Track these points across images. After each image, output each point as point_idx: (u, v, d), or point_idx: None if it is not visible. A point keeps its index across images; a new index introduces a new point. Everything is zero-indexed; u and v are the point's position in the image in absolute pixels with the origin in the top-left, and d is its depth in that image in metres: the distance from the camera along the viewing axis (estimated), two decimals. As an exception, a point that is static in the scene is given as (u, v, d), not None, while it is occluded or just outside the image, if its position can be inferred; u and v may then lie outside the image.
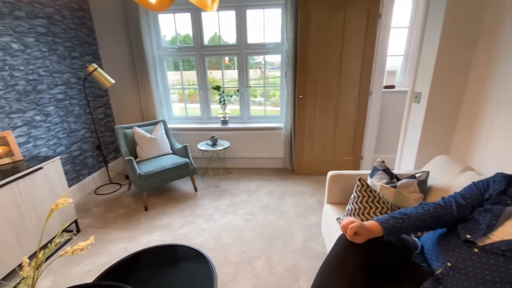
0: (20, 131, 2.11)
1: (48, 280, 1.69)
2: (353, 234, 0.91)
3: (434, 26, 1.67)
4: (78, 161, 2.72)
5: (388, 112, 3.04)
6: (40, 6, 2.26)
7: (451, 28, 1.59)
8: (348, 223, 0.93)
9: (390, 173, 1.58)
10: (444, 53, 1.64)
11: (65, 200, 0.98)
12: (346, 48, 2.63)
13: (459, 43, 1.61)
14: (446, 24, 1.59)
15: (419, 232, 1.17)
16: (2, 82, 1.97)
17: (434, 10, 1.67)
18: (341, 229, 0.94)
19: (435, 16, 1.66)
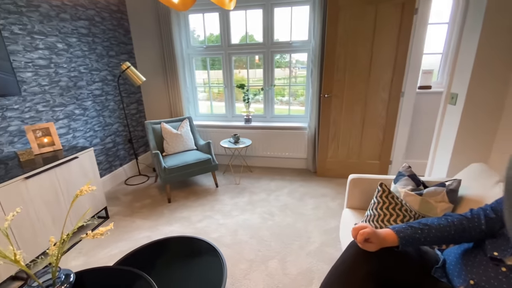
0: (61, 123, 2.33)
1: (79, 260, 1.85)
2: (364, 240, 0.86)
3: (473, 25, 1.52)
4: (111, 153, 2.92)
5: (422, 115, 2.83)
6: (82, 9, 2.47)
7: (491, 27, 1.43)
8: (359, 228, 0.88)
9: (416, 179, 1.47)
10: (484, 53, 1.48)
11: (88, 187, 1.06)
12: (377, 46, 2.49)
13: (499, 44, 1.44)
14: (486, 23, 1.43)
15: (443, 245, 1.07)
16: (48, 79, 2.18)
17: (474, 9, 1.51)
18: (352, 234, 0.90)
19: (474, 15, 1.50)
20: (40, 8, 2.10)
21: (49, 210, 1.79)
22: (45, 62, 2.16)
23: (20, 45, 1.98)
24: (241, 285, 1.59)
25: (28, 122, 2.06)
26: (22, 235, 1.63)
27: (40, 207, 1.73)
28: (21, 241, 1.62)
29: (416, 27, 2.43)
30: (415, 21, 2.41)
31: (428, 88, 2.79)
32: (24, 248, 1.64)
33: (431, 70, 2.77)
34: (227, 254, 1.84)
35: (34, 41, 2.07)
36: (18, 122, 1.99)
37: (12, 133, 1.96)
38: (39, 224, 1.73)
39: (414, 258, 0.92)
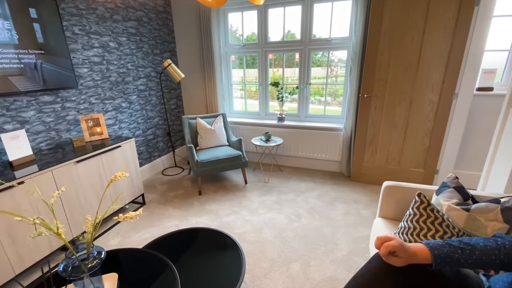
0: (109, 114, 2.56)
1: (116, 240, 2.02)
2: (389, 254, 0.78)
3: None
4: (151, 144, 3.14)
5: (479, 120, 2.49)
6: (132, 10, 2.68)
7: None
8: (384, 239, 0.80)
9: (464, 192, 1.29)
10: None
11: (122, 173, 1.15)
12: (428, 42, 2.25)
13: None
14: None
15: (491, 271, 0.92)
16: (100, 74, 2.42)
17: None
18: (374, 245, 0.82)
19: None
20: (97, 11, 2.33)
21: (94, 192, 1.99)
22: (98, 59, 2.39)
23: (79, 44, 2.22)
24: (261, 283, 1.58)
25: (82, 113, 2.31)
26: (72, 212, 1.84)
27: (87, 188, 1.93)
28: (71, 217, 1.83)
29: (476, 20, 2.14)
30: (476, 13, 2.12)
31: (489, 90, 2.44)
32: (72, 224, 1.85)
33: (494, 69, 2.42)
34: (250, 251, 1.85)
35: (90, 40, 2.30)
36: (74, 112, 2.25)
37: (69, 122, 2.21)
38: (86, 204, 1.93)
39: (450, 281, 0.81)
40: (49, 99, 2.05)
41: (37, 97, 1.96)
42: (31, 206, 1.58)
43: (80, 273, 0.99)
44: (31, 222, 0.95)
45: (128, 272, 1.21)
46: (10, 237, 1.50)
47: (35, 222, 0.95)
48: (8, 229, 1.49)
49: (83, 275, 0.99)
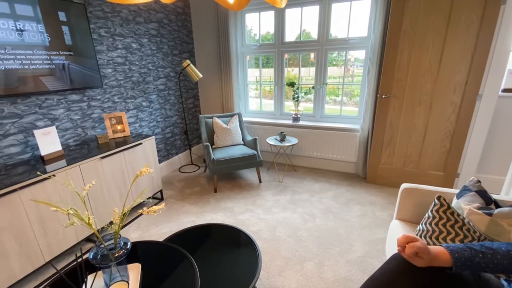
0: (131, 113, 2.67)
1: (136, 233, 2.11)
2: (414, 254, 0.79)
3: None
4: (169, 142, 3.24)
5: (505, 122, 2.39)
6: (154, 13, 2.77)
7: None
8: (408, 239, 0.80)
9: (486, 196, 1.26)
10: None
11: (147, 169, 1.21)
12: (450, 41, 2.19)
13: None
14: None
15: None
16: (123, 74, 2.53)
17: None
18: (397, 243, 0.82)
19: None
20: (121, 13, 2.44)
21: (117, 187, 2.09)
22: (122, 60, 2.50)
23: (105, 45, 2.33)
24: (276, 280, 1.61)
25: (106, 111, 2.42)
26: (96, 205, 1.94)
27: (110, 183, 2.03)
28: (95, 210, 1.94)
29: (503, 20, 2.06)
30: (502, 12, 2.05)
31: (516, 91, 2.34)
32: (96, 216, 1.96)
33: (522, 69, 2.31)
34: (264, 249, 1.88)
35: (115, 42, 2.41)
36: (99, 111, 2.36)
37: (94, 119, 2.33)
38: (109, 198, 2.03)
39: (469, 285, 0.80)
40: (76, 98, 2.16)
41: (66, 96, 2.08)
42: (61, 198, 1.69)
43: (108, 262, 1.06)
44: (65, 212, 1.02)
45: (150, 263, 1.27)
46: (42, 227, 1.61)
47: (69, 213, 1.03)
48: (40, 219, 1.60)
49: (110, 263, 1.06)
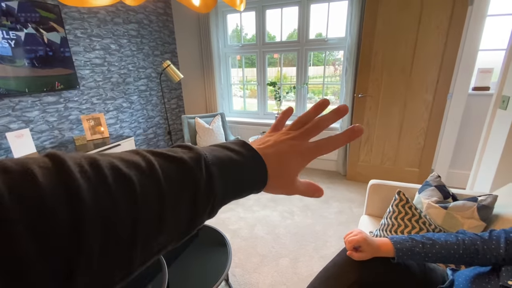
0: (111, 114, 2.66)
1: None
2: (353, 248, 0.83)
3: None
4: (152, 143, 3.23)
5: (475, 119, 2.48)
6: (133, 13, 2.77)
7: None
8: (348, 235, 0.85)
9: (444, 191, 1.32)
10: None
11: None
12: (422, 42, 2.26)
13: None
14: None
15: (452, 265, 0.96)
16: (102, 75, 2.52)
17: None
18: (344, 241, 0.87)
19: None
20: (98, 14, 2.43)
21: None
22: (100, 61, 2.49)
23: (81, 46, 2.32)
24: (250, 277, 1.64)
25: (84, 112, 2.41)
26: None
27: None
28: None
29: (470, 20, 2.14)
30: (469, 12, 2.13)
31: (486, 89, 2.43)
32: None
33: (490, 69, 2.41)
34: (241, 246, 1.91)
35: (92, 43, 2.40)
36: (77, 112, 2.35)
37: (72, 121, 2.32)
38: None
39: (414, 274, 0.85)
40: (52, 100, 2.15)
41: (41, 97, 2.07)
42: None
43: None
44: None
45: (120, 263, 1.28)
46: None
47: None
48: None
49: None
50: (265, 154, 0.29)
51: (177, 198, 0.21)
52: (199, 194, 0.23)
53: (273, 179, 0.29)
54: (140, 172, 0.20)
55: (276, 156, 0.30)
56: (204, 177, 0.23)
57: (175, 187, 0.21)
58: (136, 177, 0.19)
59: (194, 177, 0.23)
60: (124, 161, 0.20)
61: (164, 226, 0.21)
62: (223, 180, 0.25)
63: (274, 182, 0.30)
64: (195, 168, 0.23)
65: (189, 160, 0.23)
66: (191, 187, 0.22)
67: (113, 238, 0.17)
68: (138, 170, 0.20)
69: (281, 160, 0.30)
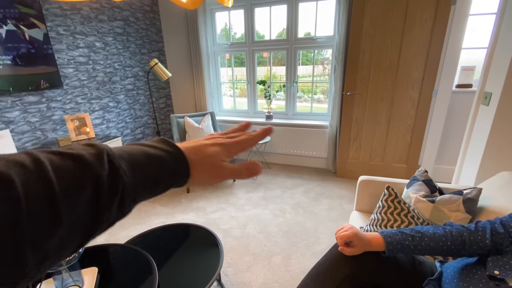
0: (97, 114, 2.58)
1: (102, 238, 2.05)
2: (345, 244, 0.83)
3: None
4: (140, 143, 3.16)
5: (459, 116, 2.56)
6: (118, 10, 2.69)
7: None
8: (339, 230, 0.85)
9: (431, 185, 1.35)
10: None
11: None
12: (407, 40, 2.31)
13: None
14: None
15: (441, 257, 0.98)
16: (86, 74, 2.44)
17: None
18: (335, 237, 0.87)
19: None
20: (82, 11, 2.35)
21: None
22: (84, 59, 2.41)
23: (64, 44, 2.24)
24: (243, 276, 1.63)
25: (68, 113, 2.33)
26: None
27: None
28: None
29: (453, 19, 2.20)
30: (452, 11, 2.19)
31: (469, 86, 2.51)
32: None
33: (472, 66, 2.49)
34: (233, 246, 1.90)
35: (75, 40, 2.32)
36: (60, 112, 2.27)
37: (55, 122, 2.23)
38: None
39: (404, 267, 0.86)
40: (34, 99, 2.06)
41: (22, 97, 1.98)
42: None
43: (58, 267, 1.03)
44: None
45: (109, 266, 1.25)
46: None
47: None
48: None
49: (60, 268, 1.03)
50: (185, 147, 0.32)
51: (73, 192, 0.21)
52: (101, 187, 0.23)
53: (197, 168, 0.32)
54: (23, 170, 0.19)
55: (195, 148, 0.33)
56: (107, 171, 0.24)
57: (69, 182, 0.21)
58: (16, 175, 0.19)
59: (93, 172, 0.23)
60: (5, 160, 0.20)
61: (60, 221, 0.20)
62: (134, 172, 0.26)
63: (199, 172, 0.32)
64: (95, 163, 0.23)
65: (87, 155, 0.23)
66: (91, 181, 0.23)
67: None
68: (21, 168, 0.19)
69: (199, 152, 0.33)
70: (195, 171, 0.32)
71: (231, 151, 0.35)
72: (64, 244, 0.21)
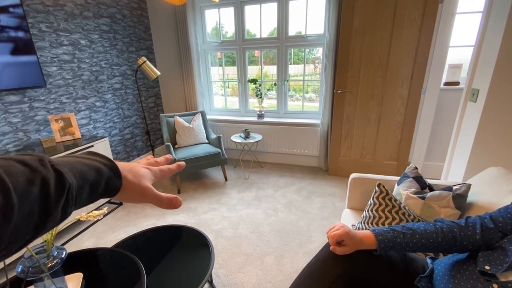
0: (83, 114, 2.51)
1: (91, 241, 1.99)
2: (336, 243, 0.82)
3: (500, 11, 1.35)
4: (129, 144, 3.09)
5: (447, 113, 2.60)
6: (104, 7, 2.62)
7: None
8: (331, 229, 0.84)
9: (422, 181, 1.36)
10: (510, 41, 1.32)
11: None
12: (396, 38, 2.33)
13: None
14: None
15: (431, 253, 0.98)
16: (71, 73, 2.36)
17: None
18: (327, 236, 0.86)
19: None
20: (65, 7, 2.27)
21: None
22: (69, 57, 2.33)
23: (47, 41, 2.15)
24: (235, 277, 1.61)
25: (53, 113, 2.25)
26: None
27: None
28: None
29: (441, 17, 2.23)
30: (440, 10, 2.21)
31: (456, 84, 2.55)
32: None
33: (459, 64, 2.53)
34: (225, 246, 1.87)
35: (59, 37, 2.24)
36: (44, 112, 2.18)
37: (38, 122, 2.15)
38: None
39: (396, 264, 0.86)
40: (15, 99, 1.98)
41: (2, 97, 1.90)
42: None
43: (40, 274, 0.98)
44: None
45: (95, 271, 1.20)
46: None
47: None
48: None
49: (42, 275, 0.98)
50: (119, 163, 0.37)
51: (23, 189, 0.24)
52: (49, 188, 0.26)
53: (128, 182, 0.37)
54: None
55: (128, 166, 0.39)
56: (53, 174, 0.27)
57: (20, 180, 0.24)
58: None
59: (40, 174, 0.26)
60: None
61: (13, 210, 0.23)
62: (75, 178, 0.29)
63: (129, 187, 0.37)
64: (40, 168, 0.27)
65: (33, 161, 0.27)
66: (39, 181, 0.26)
67: None
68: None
69: (132, 169, 0.39)
70: (126, 183, 0.37)
71: (156, 175, 0.42)
72: (18, 233, 0.24)
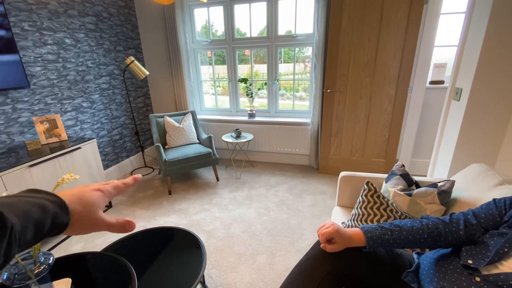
0: (69, 115, 2.44)
1: (79, 245, 1.95)
2: (327, 240, 0.84)
3: (481, 10, 1.40)
4: (118, 145, 3.04)
5: (432, 111, 2.67)
6: (90, 5, 2.55)
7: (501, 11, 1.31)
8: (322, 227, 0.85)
9: (408, 179, 1.39)
10: (492, 41, 1.36)
11: (71, 175, 1.11)
12: (384, 38, 2.37)
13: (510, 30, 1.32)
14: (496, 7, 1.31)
15: (418, 249, 1.01)
16: (56, 73, 2.30)
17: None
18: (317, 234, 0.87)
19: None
20: (49, 5, 2.20)
21: (52, 197, 1.90)
22: (53, 57, 2.27)
23: (30, 41, 2.09)
24: (227, 277, 1.61)
25: (37, 114, 2.18)
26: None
27: (43, 193, 1.84)
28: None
29: (426, 18, 2.28)
30: (425, 11, 2.27)
31: (441, 83, 2.63)
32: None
33: (444, 63, 2.60)
34: (218, 247, 1.87)
35: (43, 37, 2.17)
36: (28, 114, 2.12)
37: (22, 124, 2.09)
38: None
39: (384, 260, 0.88)
40: (-3, 101, 1.91)
41: (-18, 98, 1.83)
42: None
43: (26, 280, 0.95)
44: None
45: (84, 276, 1.18)
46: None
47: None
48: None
49: (29, 281, 0.96)
50: (67, 195, 0.36)
51: None
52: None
53: (77, 215, 0.36)
54: None
55: (77, 194, 0.37)
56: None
57: None
58: None
59: None
60: None
61: None
62: (18, 217, 0.28)
63: (78, 220, 0.36)
64: None
65: None
66: None
67: None
68: None
69: (81, 197, 0.37)
70: (75, 217, 0.35)
71: (110, 195, 0.42)
72: None
